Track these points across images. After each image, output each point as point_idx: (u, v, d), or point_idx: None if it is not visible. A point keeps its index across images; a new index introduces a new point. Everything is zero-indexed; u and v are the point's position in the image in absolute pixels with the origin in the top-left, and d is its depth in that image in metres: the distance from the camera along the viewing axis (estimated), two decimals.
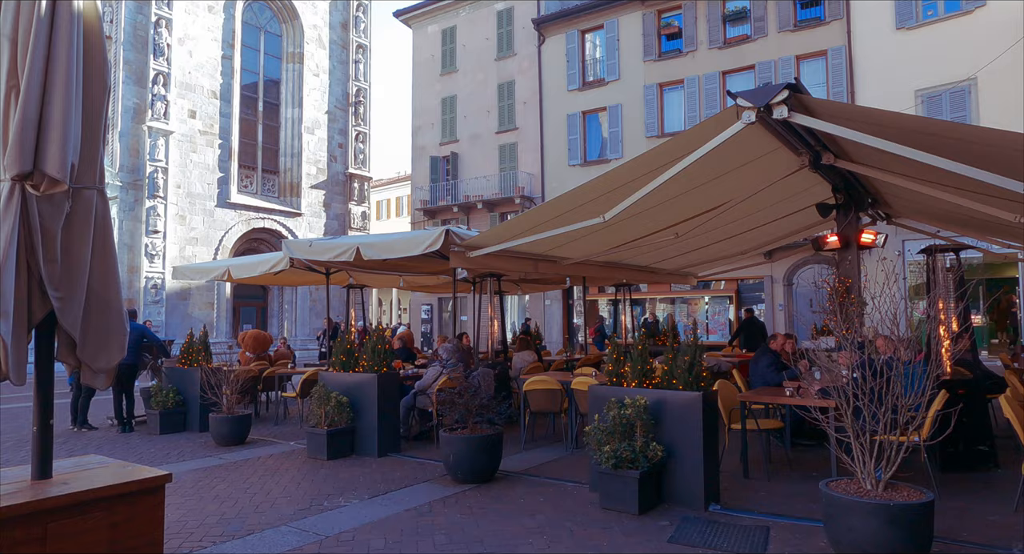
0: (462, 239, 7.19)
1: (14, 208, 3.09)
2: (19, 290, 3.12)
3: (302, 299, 27.92)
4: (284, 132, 28.20)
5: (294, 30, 28.29)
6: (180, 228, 23.93)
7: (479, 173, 24.76)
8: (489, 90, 24.88)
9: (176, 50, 23.63)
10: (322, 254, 8.11)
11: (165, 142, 23.19)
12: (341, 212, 29.83)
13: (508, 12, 24.67)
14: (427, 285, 13.84)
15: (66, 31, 3.18)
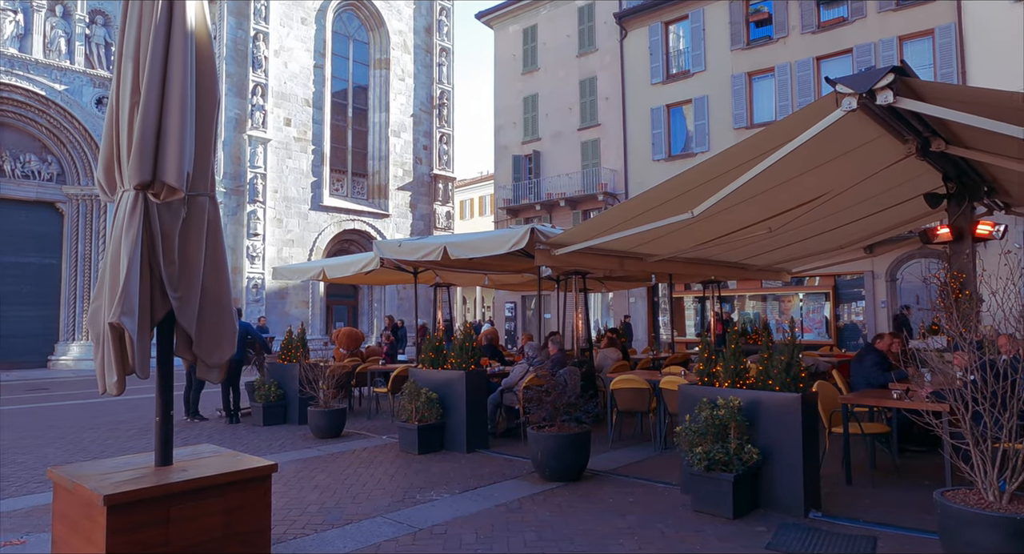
0: (547, 237, 7.19)
1: (138, 215, 3.35)
2: (143, 291, 3.37)
3: (390, 297, 28.78)
4: (372, 136, 29.14)
5: (380, 37, 29.17)
6: (277, 230, 25.20)
7: (561, 171, 24.71)
8: (571, 87, 24.77)
9: (272, 62, 24.89)
10: (411, 254, 8.32)
11: (263, 149, 24.47)
12: (427, 212, 30.52)
13: (589, 8, 24.47)
14: (511, 283, 13.96)
15: (180, 51, 3.41)
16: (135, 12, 3.50)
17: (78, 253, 20.97)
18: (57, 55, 19.93)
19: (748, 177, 4.89)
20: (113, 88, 3.66)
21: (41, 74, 19.58)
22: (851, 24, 18.49)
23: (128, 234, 3.38)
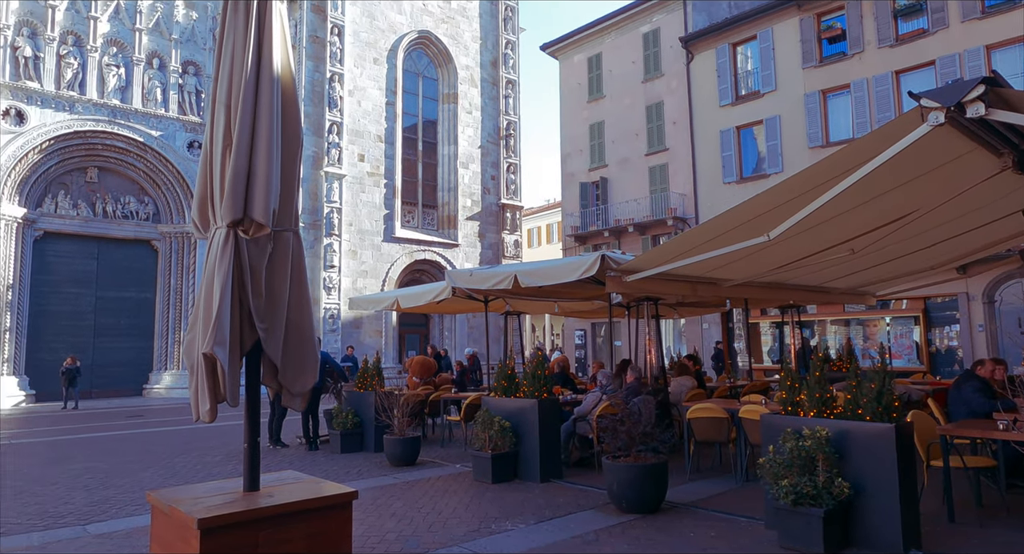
0: (618, 264, 7.14)
1: (229, 251, 3.54)
2: (233, 322, 3.55)
3: (460, 326, 29.11)
4: (441, 168, 29.88)
5: (448, 73, 30.06)
6: (352, 262, 26.04)
7: (629, 196, 24.56)
8: (637, 113, 24.72)
9: (347, 101, 26.03)
10: (482, 283, 8.43)
11: (339, 185, 25.48)
12: (495, 241, 30.87)
13: (654, 33, 24.49)
14: (581, 311, 13.88)
15: (268, 97, 3.62)
16: (227, 63, 3.74)
17: (170, 287, 22.28)
18: (154, 104, 21.50)
19: (828, 197, 4.72)
20: (207, 133, 3.91)
21: (140, 122, 21.15)
22: (932, 35, 17.75)
23: (220, 268, 3.57)
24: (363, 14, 26.95)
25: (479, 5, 31.12)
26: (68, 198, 20.63)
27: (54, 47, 19.62)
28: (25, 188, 19.44)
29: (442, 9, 29.68)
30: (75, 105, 19.90)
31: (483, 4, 31.28)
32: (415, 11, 28.73)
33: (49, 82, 19.48)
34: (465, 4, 30.64)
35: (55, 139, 19.59)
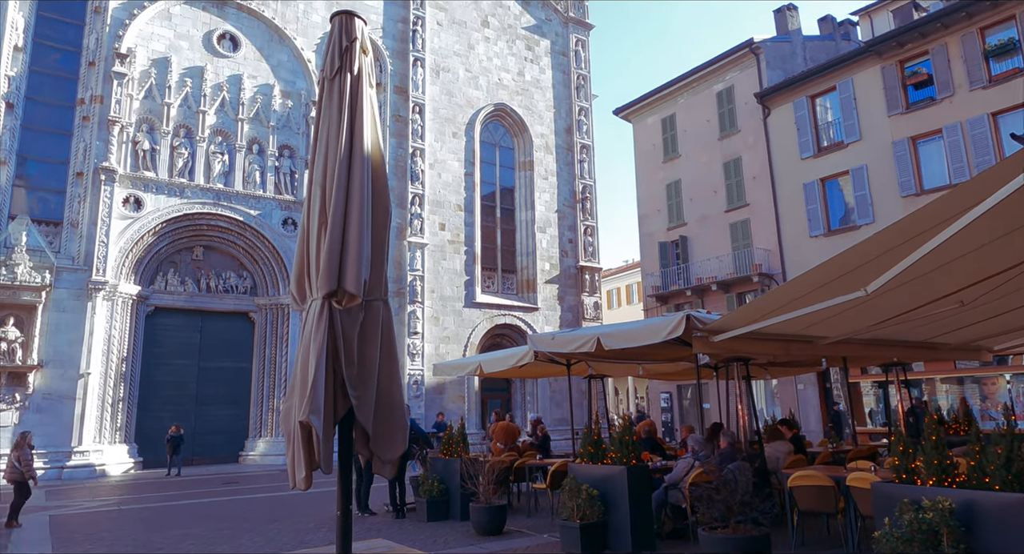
0: (704, 323, 6.95)
1: (324, 321, 3.70)
2: (327, 390, 3.67)
3: (542, 390, 28.83)
4: (519, 233, 30.41)
5: (524, 141, 31.01)
6: (435, 328, 26.53)
7: (710, 254, 24.08)
8: (714, 170, 24.54)
9: (428, 173, 27.21)
10: (564, 346, 8.38)
11: (421, 253, 26.34)
12: (575, 304, 30.78)
13: (728, 91, 24.53)
14: (666, 372, 13.48)
15: (359, 175, 3.85)
16: (323, 145, 4.02)
17: (266, 357, 23.33)
18: (253, 185, 23.19)
19: (931, 247, 4.47)
20: (304, 211, 4.17)
21: (240, 203, 22.81)
22: None
23: (316, 338, 3.72)
24: (442, 92, 28.45)
25: (552, 76, 32.26)
26: (176, 275, 22.26)
27: (168, 140, 21.68)
28: (140, 267, 21.15)
29: (516, 82, 30.95)
30: (185, 190, 21.73)
31: (556, 75, 32.41)
32: (491, 86, 30.07)
33: (163, 171, 21.43)
34: (539, 76, 31.84)
35: (167, 222, 21.37)
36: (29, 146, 20.17)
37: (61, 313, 19.16)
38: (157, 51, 21.94)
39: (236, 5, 23.67)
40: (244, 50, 23.73)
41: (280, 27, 24.45)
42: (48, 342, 18.84)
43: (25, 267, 18.30)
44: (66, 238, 19.95)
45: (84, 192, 20.16)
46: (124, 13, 21.43)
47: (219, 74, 23.03)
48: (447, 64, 28.90)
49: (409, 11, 27.72)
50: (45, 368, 18.63)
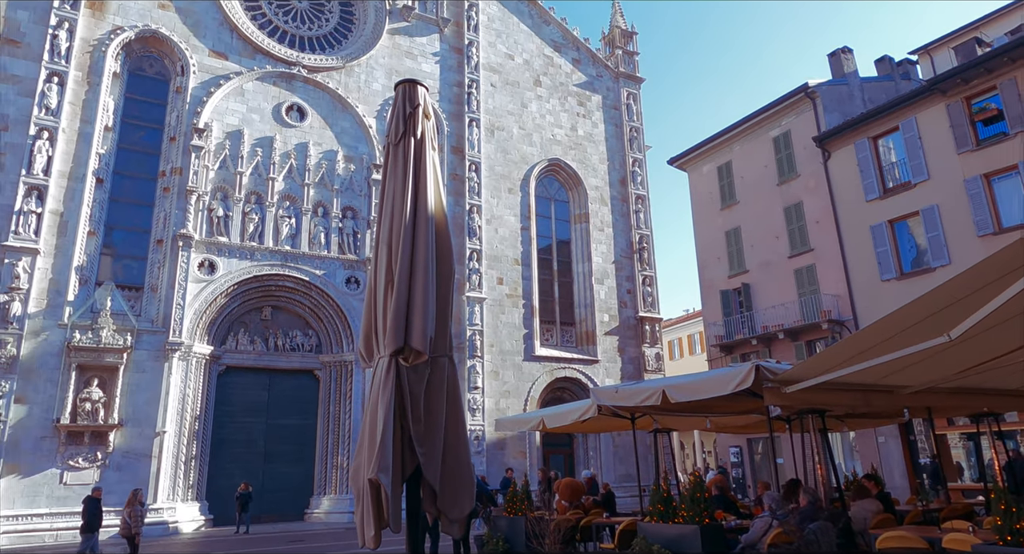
0: (774, 374, 6.72)
1: (391, 378, 3.76)
2: (395, 448, 3.70)
3: (605, 445, 28.12)
4: (577, 286, 30.36)
5: (578, 194, 31.31)
6: (495, 383, 26.45)
7: (775, 301, 23.39)
8: (775, 216, 24.09)
9: (485, 229, 27.70)
10: (629, 399, 8.21)
11: (480, 308, 26.55)
12: (635, 355, 30.24)
13: (784, 136, 24.30)
14: (735, 425, 12.95)
15: (424, 234, 3.97)
16: (388, 207, 4.17)
17: (330, 413, 23.68)
18: (318, 246, 24.08)
19: (1019, 288, 4.23)
20: (371, 271, 4.29)
21: (306, 264, 23.68)
22: None
23: (383, 396, 3.78)
24: (497, 150, 29.22)
25: (604, 129, 32.75)
26: (246, 334, 23.07)
27: (240, 206, 22.88)
28: (213, 328, 22.04)
29: (569, 137, 31.52)
30: (255, 253, 22.74)
31: (608, 128, 32.88)
32: (544, 142, 30.72)
33: (235, 235, 22.54)
34: (591, 130, 32.37)
35: (238, 284, 22.32)
36: (116, 217, 21.62)
37: (140, 373, 20.05)
38: (231, 124, 23.44)
39: (303, 79, 25.19)
40: (310, 119, 25.10)
41: (343, 96, 25.81)
42: (128, 402, 19.67)
43: (109, 330, 19.34)
44: (146, 302, 21.05)
45: (163, 258, 21.35)
46: (202, 91, 23.09)
47: (287, 143, 24.35)
48: (501, 123, 29.76)
49: (464, 75, 28.86)
50: (124, 427, 19.41)
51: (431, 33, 28.97)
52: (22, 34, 20.46)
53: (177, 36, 23.13)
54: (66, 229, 19.97)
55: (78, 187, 20.41)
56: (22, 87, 20.08)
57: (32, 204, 19.29)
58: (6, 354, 17.92)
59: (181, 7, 23.51)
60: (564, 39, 32.94)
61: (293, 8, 26.57)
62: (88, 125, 21.00)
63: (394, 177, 4.18)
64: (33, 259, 18.99)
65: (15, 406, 18.01)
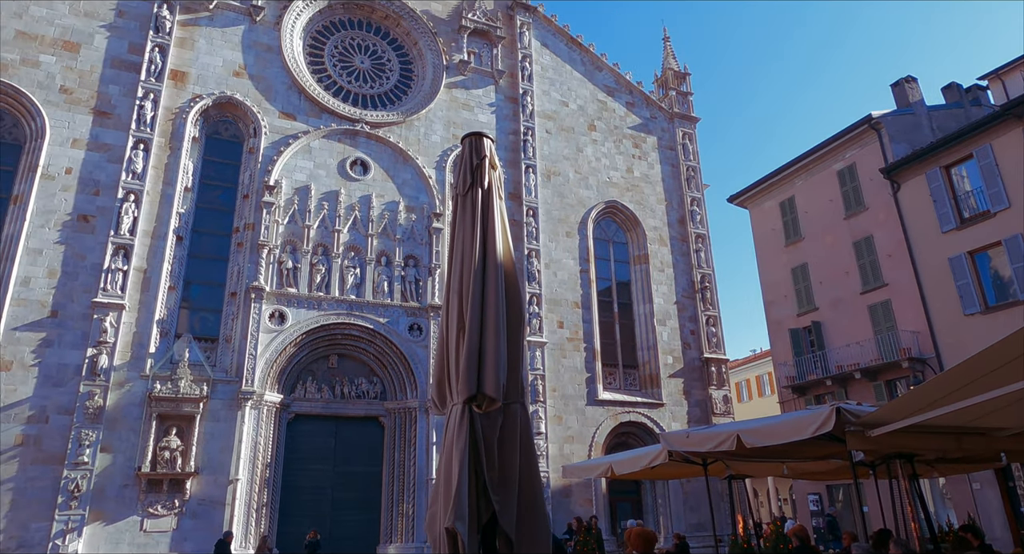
0: (856, 416, 6.42)
1: (465, 426, 3.79)
2: (471, 496, 3.69)
3: (674, 492, 27.12)
4: (638, 327, 29.92)
5: (637, 235, 31.17)
6: (557, 428, 26.07)
7: (849, 340, 22.46)
8: (843, 251, 23.35)
9: (544, 273, 27.79)
10: (700, 444, 7.97)
11: (541, 352, 26.43)
12: (702, 398, 29.35)
13: (849, 169, 23.72)
14: (814, 471, 12.31)
15: (493, 282, 4.04)
16: (458, 255, 4.28)
17: (395, 460, 23.77)
18: (381, 295, 24.66)
19: None
20: (442, 318, 4.38)
21: (370, 312, 24.24)
22: None
23: (458, 443, 3.80)
24: (554, 194, 29.54)
25: (661, 170, 32.73)
26: (314, 382, 23.61)
27: (308, 258, 23.75)
28: (283, 377, 22.68)
29: (626, 180, 31.62)
30: (322, 303, 23.46)
31: (665, 168, 32.85)
32: (600, 185, 30.90)
33: (303, 286, 23.35)
34: (647, 171, 32.40)
35: (306, 333, 22.99)
36: (193, 272, 22.78)
37: (215, 422, 20.72)
38: (299, 180, 24.57)
39: (366, 134, 26.30)
40: (373, 172, 26.07)
41: (404, 149, 26.76)
42: (204, 450, 20.30)
43: (187, 381, 20.15)
44: (221, 352, 21.90)
45: (237, 310, 22.27)
46: (272, 151, 24.38)
47: (351, 195, 25.30)
48: (557, 168, 30.17)
49: (519, 123, 29.53)
50: (200, 475, 19.98)
51: (486, 85, 29.89)
52: (112, 106, 22.20)
53: (250, 100, 24.62)
54: (149, 285, 21.13)
55: (160, 245, 21.66)
56: (112, 154, 21.67)
57: (119, 262, 20.55)
58: (93, 405, 18.87)
59: (254, 74, 25.09)
60: (617, 84, 33.41)
61: (356, 69, 27.97)
62: (169, 187, 22.40)
63: (463, 226, 4.29)
64: (119, 314, 20.12)
65: (101, 455, 18.84)
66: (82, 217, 20.74)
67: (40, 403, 18.74)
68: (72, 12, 22.64)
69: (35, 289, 19.60)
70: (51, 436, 18.59)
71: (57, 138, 21.17)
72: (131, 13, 23.48)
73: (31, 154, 20.98)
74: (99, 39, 22.78)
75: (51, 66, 21.81)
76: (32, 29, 21.89)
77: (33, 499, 18.02)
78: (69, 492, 18.12)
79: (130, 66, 22.81)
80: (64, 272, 20.05)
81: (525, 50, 30.88)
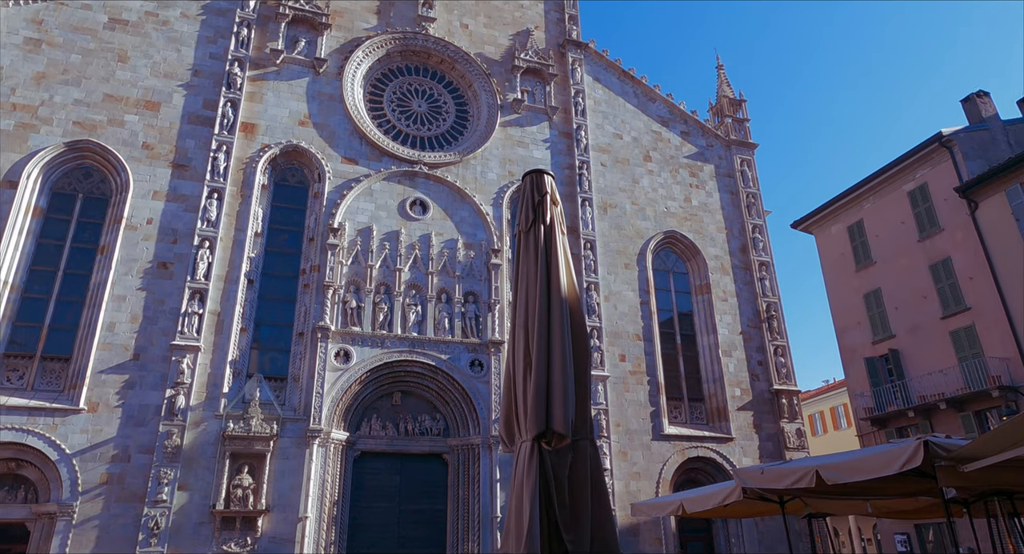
0: (947, 450, 6.03)
1: (535, 463, 3.75)
2: (542, 535, 3.64)
3: (748, 531, 25.93)
4: (703, 359, 29.16)
5: (697, 264, 30.62)
6: (623, 464, 25.45)
7: (930, 368, 21.28)
8: (919, 274, 22.32)
9: (603, 306, 27.55)
10: (777, 481, 7.63)
11: (603, 387, 26.03)
12: (773, 432, 28.18)
13: (920, 189, 22.81)
14: (902, 510, 11.59)
15: (559, 316, 4.04)
16: (523, 292, 4.30)
17: (459, 497, 23.64)
18: (442, 332, 24.93)
19: None
20: (508, 354, 4.39)
21: (432, 349, 24.50)
22: None
23: (528, 481, 3.76)
24: (611, 227, 29.45)
25: (720, 198, 32.25)
26: (378, 420, 23.90)
27: (371, 297, 24.31)
28: (348, 414, 23.06)
29: (684, 209, 31.27)
30: (385, 341, 23.88)
31: (723, 196, 32.35)
32: (658, 215, 30.64)
33: (367, 325, 23.85)
34: (705, 200, 31.98)
35: (370, 371, 23.39)
36: (263, 313, 23.63)
37: (285, 460, 21.16)
38: (361, 222, 25.33)
39: (424, 175, 27.00)
40: (431, 212, 26.65)
41: (461, 188, 27.31)
42: (274, 488, 20.73)
43: (258, 419, 20.73)
44: (289, 391, 22.49)
45: (304, 349, 22.90)
46: (336, 194, 25.29)
47: (411, 235, 25.88)
48: (613, 200, 30.13)
49: (574, 158, 29.76)
50: (271, 512, 20.37)
51: (540, 122, 30.33)
52: (189, 159, 23.57)
53: (314, 148, 25.72)
54: (222, 327, 22.01)
55: (232, 288, 22.60)
56: (188, 204, 22.92)
57: (195, 306, 21.53)
58: (172, 444, 19.60)
59: (318, 122, 26.26)
60: (671, 114, 33.35)
61: (413, 112, 28.90)
62: (241, 233, 23.46)
63: (526, 262, 4.33)
64: (195, 356, 20.98)
65: (178, 493, 19.48)
66: (161, 264, 21.91)
67: (123, 442, 19.61)
68: (153, 74, 24.34)
69: (119, 333, 20.70)
70: (133, 475, 19.37)
71: (139, 191, 22.58)
72: (205, 72, 25.06)
73: (116, 207, 22.43)
74: (177, 97, 24.36)
75: (134, 124, 23.41)
76: (118, 91, 23.61)
77: (117, 536, 18.73)
78: (149, 530, 18.75)
79: (205, 121, 24.26)
80: (145, 316, 21.13)
81: (578, 86, 31.28)
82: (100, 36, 24.23)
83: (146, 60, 24.43)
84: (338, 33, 28.00)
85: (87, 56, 23.73)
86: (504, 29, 31.45)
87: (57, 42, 23.55)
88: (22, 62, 22.82)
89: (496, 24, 31.41)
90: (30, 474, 19.03)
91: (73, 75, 23.30)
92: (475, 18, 31.14)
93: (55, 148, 22.21)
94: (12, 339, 20.33)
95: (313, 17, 27.23)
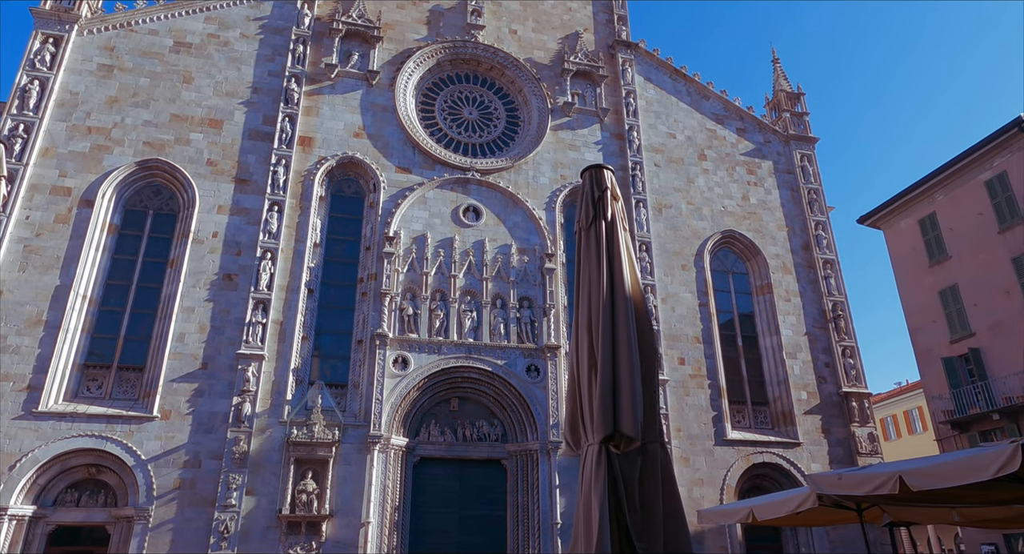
0: None
1: (603, 467, 3.62)
2: (613, 542, 3.50)
3: (819, 540, 24.92)
4: (766, 362, 28.27)
5: (758, 265, 29.75)
6: (685, 470, 24.85)
7: (1016, 367, 20.05)
8: (1000, 268, 21.07)
9: (661, 309, 27.04)
10: (856, 487, 7.24)
11: (663, 391, 25.49)
12: (844, 437, 27.04)
13: (999, 179, 21.57)
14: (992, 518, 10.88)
15: (624, 316, 3.89)
16: (585, 291, 4.18)
17: (519, 504, 23.54)
18: (498, 337, 24.93)
19: None
20: (572, 356, 4.27)
21: (488, 354, 24.52)
22: None
23: (596, 486, 3.63)
24: (666, 227, 28.93)
25: (779, 195, 31.30)
26: (436, 426, 24.06)
27: (427, 304, 24.55)
28: (407, 420, 23.29)
29: (742, 207, 30.46)
30: (441, 347, 24.05)
31: (783, 193, 31.38)
32: (715, 215, 29.94)
33: (424, 332, 24.08)
34: (764, 198, 31.07)
35: (428, 377, 23.59)
36: (323, 322, 24.16)
37: (347, 466, 21.52)
38: (416, 230, 25.64)
39: (477, 182, 27.14)
40: (485, 218, 26.75)
41: (514, 193, 27.33)
42: (336, 493, 21.09)
43: (320, 426, 21.16)
44: (350, 398, 22.89)
45: (363, 357, 23.29)
46: (391, 204, 25.68)
47: (465, 242, 26.03)
48: (668, 200, 29.60)
49: (627, 159, 29.40)
50: (335, 517, 20.72)
51: (591, 124, 30.10)
52: (250, 174, 24.36)
53: (369, 158, 26.20)
54: (284, 336, 22.60)
55: (293, 298, 23.19)
56: (250, 217, 23.67)
57: (259, 316, 22.18)
58: (239, 450, 20.19)
59: (372, 133, 26.76)
60: (726, 111, 32.60)
61: (464, 120, 29.12)
62: (300, 244, 24.07)
63: (588, 260, 4.20)
64: (260, 364, 21.60)
65: (246, 498, 20.04)
66: (227, 276, 22.67)
67: (194, 449, 20.31)
68: (215, 93, 25.28)
69: (188, 343, 21.50)
70: (203, 480, 20.03)
71: (205, 206, 23.45)
72: (264, 89, 25.89)
73: (184, 222, 23.35)
74: (238, 114, 25.23)
75: (199, 142, 24.36)
76: (183, 111, 24.63)
77: (190, 539, 19.40)
78: (219, 533, 19.34)
79: (264, 136, 25.04)
80: (212, 327, 21.89)
81: (628, 86, 30.93)
82: (166, 59, 25.33)
83: (209, 80, 25.41)
84: (389, 45, 28.49)
85: (155, 79, 24.85)
86: (553, 33, 31.39)
87: (127, 67, 24.74)
88: (96, 87, 24.06)
89: (545, 28, 31.39)
90: (109, 479, 19.92)
91: (142, 97, 24.42)
92: (523, 23, 31.18)
93: (127, 167, 23.32)
94: (91, 350, 21.40)
95: (365, 31, 27.79)
